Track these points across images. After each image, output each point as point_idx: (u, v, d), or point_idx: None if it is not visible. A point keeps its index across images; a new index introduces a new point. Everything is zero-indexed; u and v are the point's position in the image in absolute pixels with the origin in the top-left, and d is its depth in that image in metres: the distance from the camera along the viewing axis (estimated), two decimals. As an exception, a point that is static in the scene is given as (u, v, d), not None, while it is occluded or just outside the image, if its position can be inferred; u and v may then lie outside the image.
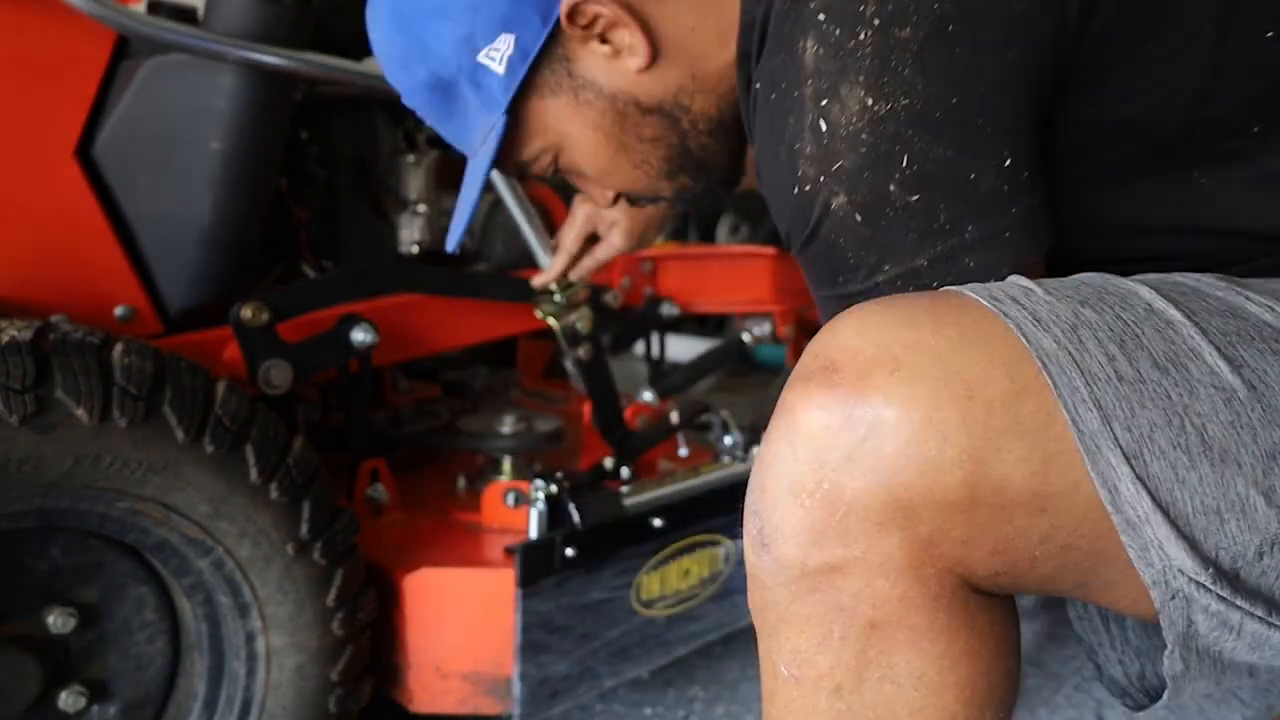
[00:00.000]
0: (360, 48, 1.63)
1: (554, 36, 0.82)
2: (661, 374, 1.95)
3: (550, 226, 1.60)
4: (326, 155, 1.54)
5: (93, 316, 1.16)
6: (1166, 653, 0.57)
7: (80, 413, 0.94)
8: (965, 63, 0.62)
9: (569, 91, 0.84)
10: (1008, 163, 0.63)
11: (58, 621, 1.06)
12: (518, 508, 1.33)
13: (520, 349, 1.97)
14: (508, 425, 1.46)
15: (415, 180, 1.61)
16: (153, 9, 1.28)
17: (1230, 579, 0.55)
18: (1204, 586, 0.54)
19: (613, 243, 1.29)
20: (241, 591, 1.09)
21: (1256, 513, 0.54)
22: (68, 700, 1.07)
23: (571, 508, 1.27)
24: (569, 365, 1.56)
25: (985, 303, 0.57)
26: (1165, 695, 0.60)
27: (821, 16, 0.64)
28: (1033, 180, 0.64)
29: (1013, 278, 0.60)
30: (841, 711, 0.59)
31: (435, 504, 1.45)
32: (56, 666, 1.07)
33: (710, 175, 0.90)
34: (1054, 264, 0.70)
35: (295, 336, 1.28)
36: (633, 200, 1.00)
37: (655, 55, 0.82)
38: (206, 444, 1.02)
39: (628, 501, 1.33)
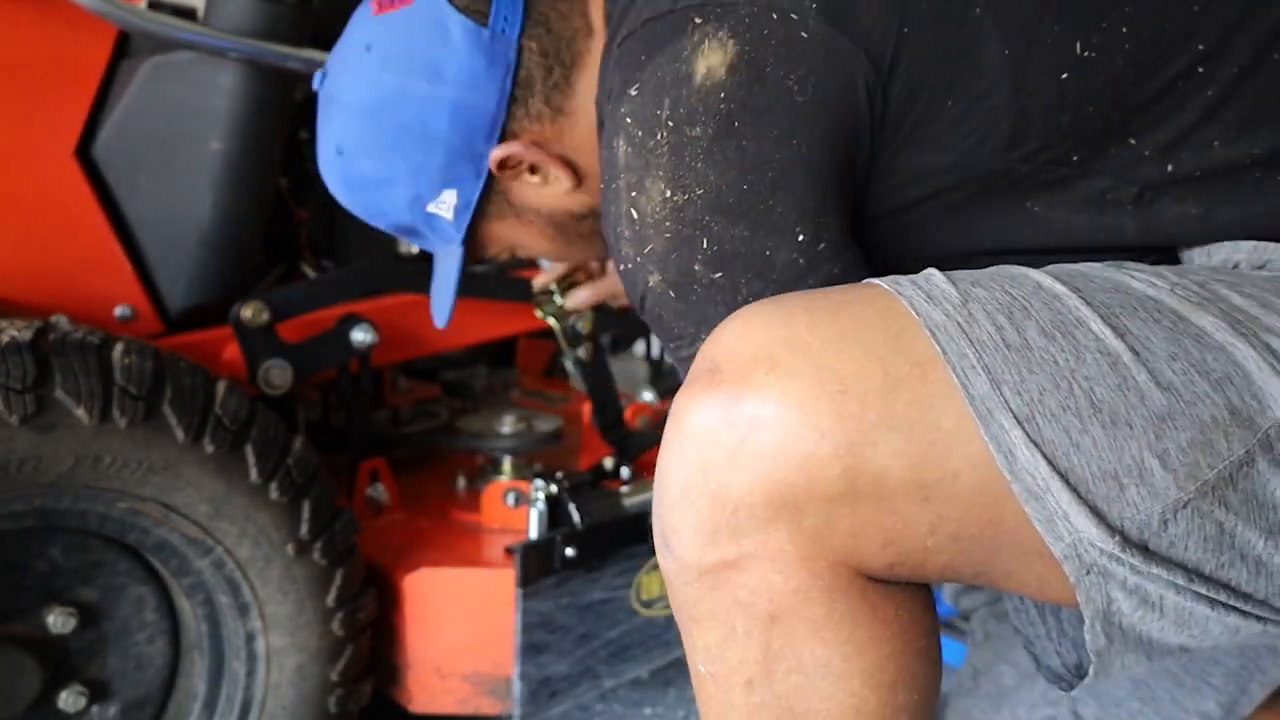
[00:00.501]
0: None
1: (490, 180, 0.91)
2: (661, 374, 1.95)
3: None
4: (326, 155, 1.54)
5: (93, 316, 1.16)
6: (1086, 628, 0.58)
7: (80, 413, 0.94)
8: (753, 152, 0.68)
9: (512, 215, 0.95)
10: (801, 238, 0.69)
11: (58, 621, 1.06)
12: (518, 508, 1.33)
13: (520, 349, 1.97)
14: (508, 425, 1.46)
15: (415, 180, 1.60)
16: (153, 9, 1.28)
17: (1140, 549, 0.55)
18: (1116, 558, 0.55)
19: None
20: (241, 591, 1.09)
21: (1154, 477, 0.55)
22: (68, 700, 1.07)
23: (571, 508, 1.27)
24: (569, 365, 1.56)
25: (885, 285, 0.60)
26: (1090, 672, 0.60)
27: (629, 120, 0.72)
28: (832, 249, 0.70)
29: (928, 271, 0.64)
30: (756, 705, 0.61)
31: (435, 504, 1.45)
32: (57, 666, 1.07)
33: None
34: None
35: (295, 336, 1.28)
36: None
37: (579, 179, 0.92)
38: (206, 444, 1.02)
39: (628, 501, 1.33)
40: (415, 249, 1.61)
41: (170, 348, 1.07)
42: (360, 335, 1.31)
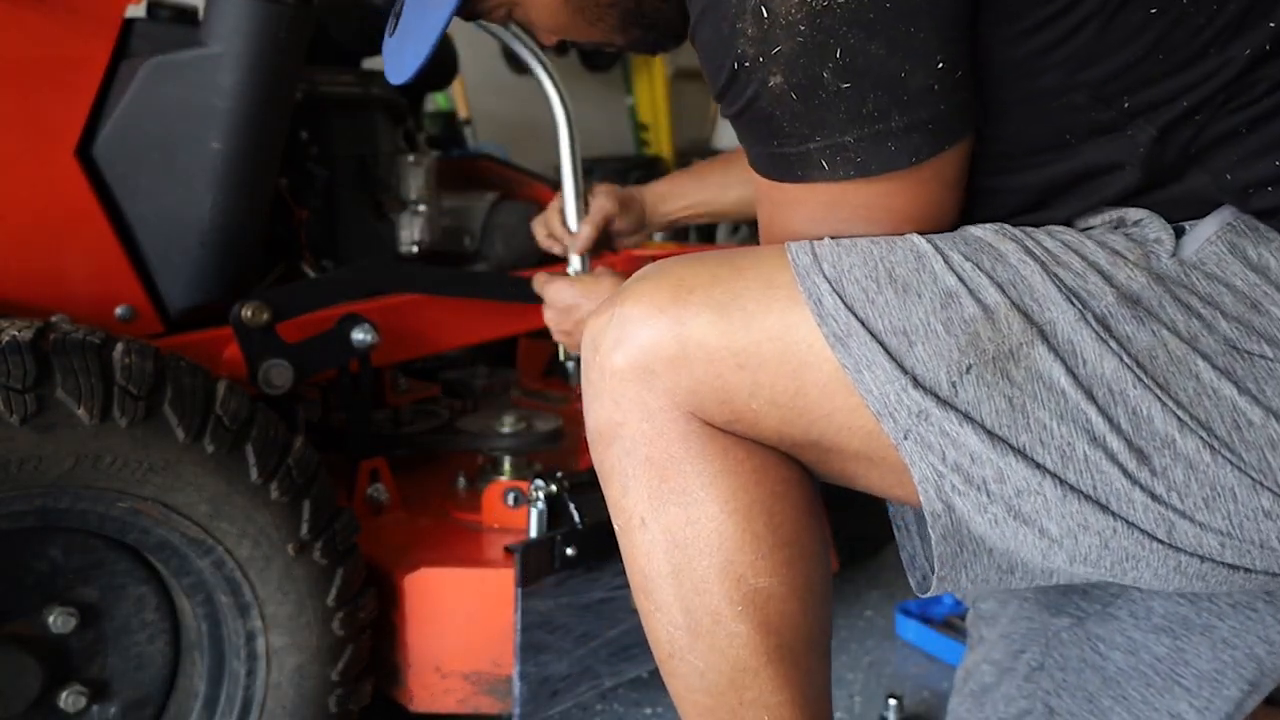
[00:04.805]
0: (359, 48, 1.63)
1: None
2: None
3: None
4: (326, 155, 1.54)
5: (93, 316, 1.16)
6: (930, 524, 0.67)
7: (81, 412, 0.94)
8: None
9: None
10: (940, 65, 0.68)
11: (58, 621, 1.06)
12: (518, 508, 1.33)
13: (520, 349, 1.97)
14: (508, 425, 1.46)
15: (415, 180, 1.61)
16: (153, 9, 1.28)
17: (936, 399, 0.66)
18: (923, 412, 0.66)
19: (601, 204, 1.34)
20: (242, 591, 1.09)
21: (938, 339, 0.67)
22: (68, 700, 1.07)
23: (571, 507, 1.27)
24: (569, 365, 1.56)
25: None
26: (935, 576, 0.71)
27: None
28: (966, 78, 0.70)
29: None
30: (649, 541, 0.75)
31: (435, 504, 1.45)
32: (57, 666, 1.07)
33: (660, 30, 0.97)
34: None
35: (295, 336, 1.28)
36: (581, 49, 1.06)
37: None
38: (207, 444, 1.02)
39: (628, 501, 1.32)
40: (415, 249, 1.61)
41: (170, 348, 1.07)
42: (360, 335, 1.32)
